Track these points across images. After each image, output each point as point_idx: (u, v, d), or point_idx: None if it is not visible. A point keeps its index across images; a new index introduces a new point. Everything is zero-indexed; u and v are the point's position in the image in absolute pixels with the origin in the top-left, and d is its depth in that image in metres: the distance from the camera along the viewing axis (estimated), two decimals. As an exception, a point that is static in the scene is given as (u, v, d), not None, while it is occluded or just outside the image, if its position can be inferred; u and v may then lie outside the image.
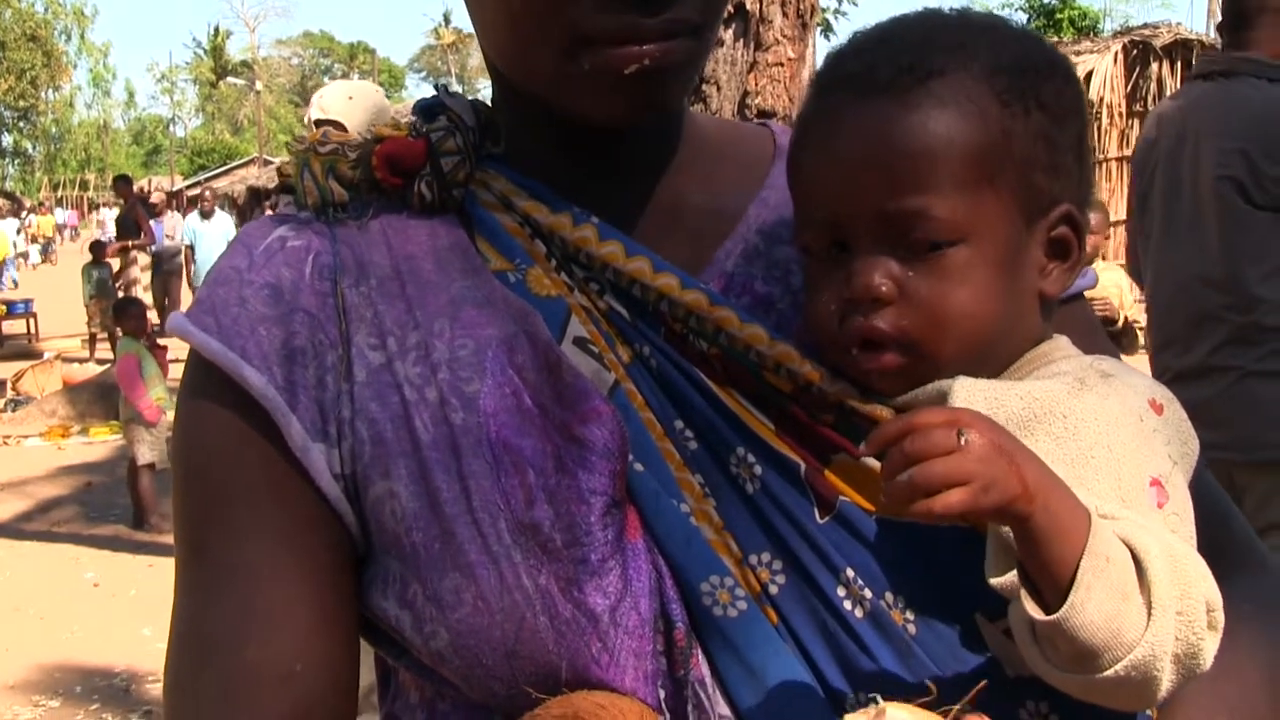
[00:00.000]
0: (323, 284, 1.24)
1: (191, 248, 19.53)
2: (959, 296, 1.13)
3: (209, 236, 19.22)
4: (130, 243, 19.78)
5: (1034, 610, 1.02)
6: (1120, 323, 13.62)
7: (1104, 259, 14.04)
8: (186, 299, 18.53)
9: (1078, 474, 1.07)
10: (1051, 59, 1.21)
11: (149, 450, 9.82)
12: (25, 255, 46.65)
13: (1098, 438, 1.09)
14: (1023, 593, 1.02)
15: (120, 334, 10.81)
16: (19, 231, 45.84)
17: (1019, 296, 1.17)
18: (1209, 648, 1.05)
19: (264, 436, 1.19)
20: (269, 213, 1.52)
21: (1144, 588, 1.02)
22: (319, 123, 5.01)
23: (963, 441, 0.98)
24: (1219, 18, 4.49)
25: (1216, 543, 1.13)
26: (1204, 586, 1.05)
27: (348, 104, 5.08)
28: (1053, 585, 1.01)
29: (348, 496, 1.20)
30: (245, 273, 1.24)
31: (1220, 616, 1.05)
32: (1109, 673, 1.01)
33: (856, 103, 1.16)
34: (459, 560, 1.14)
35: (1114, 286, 13.40)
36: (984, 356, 1.16)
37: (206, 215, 20.11)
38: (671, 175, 1.32)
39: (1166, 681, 1.03)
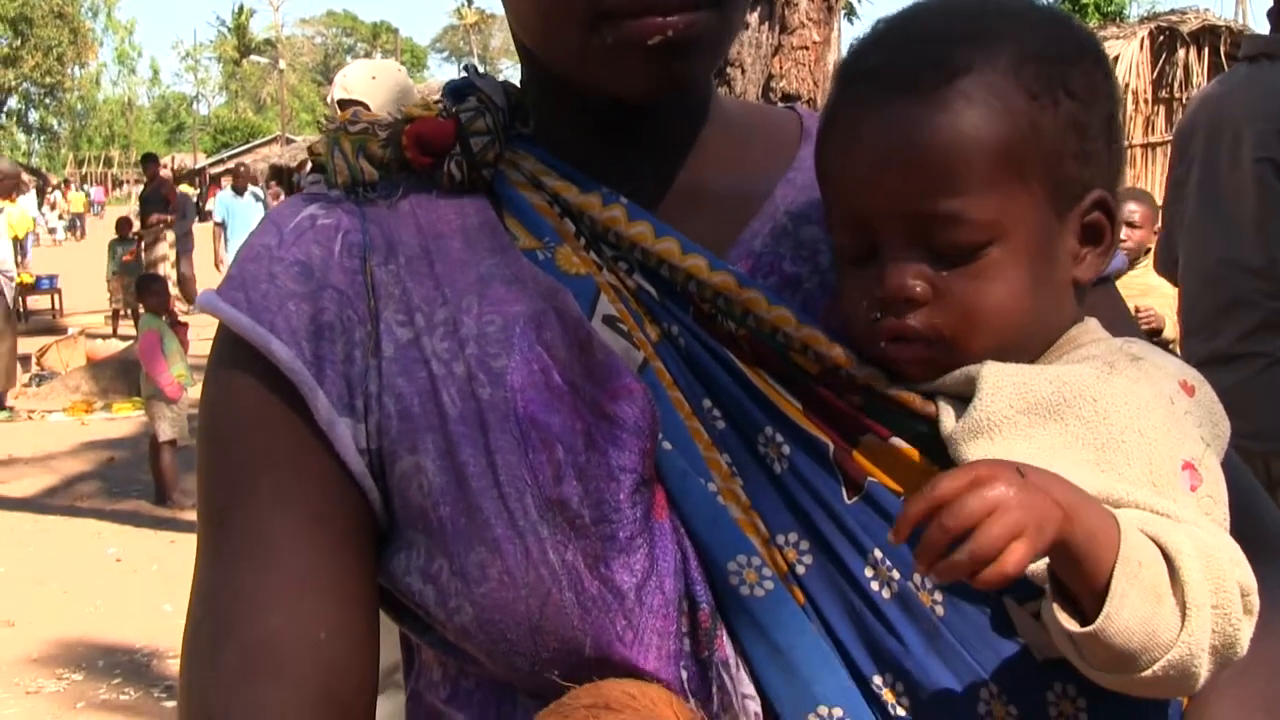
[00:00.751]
0: (352, 261, 1.24)
1: (223, 224, 18.87)
2: (994, 295, 1.13)
3: (241, 212, 18.61)
4: (160, 218, 19.75)
5: (1069, 622, 1.02)
6: (1168, 332, 13.33)
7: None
8: (209, 276, 18.51)
9: (1108, 459, 1.07)
10: (1080, 42, 1.19)
11: (170, 427, 9.85)
12: (53, 231, 46.87)
13: (1129, 421, 1.08)
14: (1056, 606, 1.02)
15: (142, 310, 10.82)
16: (50, 207, 46.02)
17: (1053, 287, 1.17)
18: (1245, 633, 1.05)
19: (290, 410, 1.20)
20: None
21: (1177, 587, 1.02)
22: (342, 102, 5.01)
23: (991, 492, 0.97)
24: (1247, 4, 4.45)
25: (1246, 528, 1.13)
26: (1238, 573, 1.05)
27: (371, 83, 5.07)
28: (1088, 595, 1.01)
29: (372, 472, 1.21)
30: (275, 250, 1.25)
31: (1255, 600, 1.05)
32: (1147, 673, 1.02)
33: (882, 101, 1.14)
34: (484, 535, 1.15)
35: (1159, 295, 13.08)
36: (1017, 348, 1.15)
37: (240, 191, 19.33)
38: (698, 155, 1.32)
39: (1205, 672, 1.04)
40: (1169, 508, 1.06)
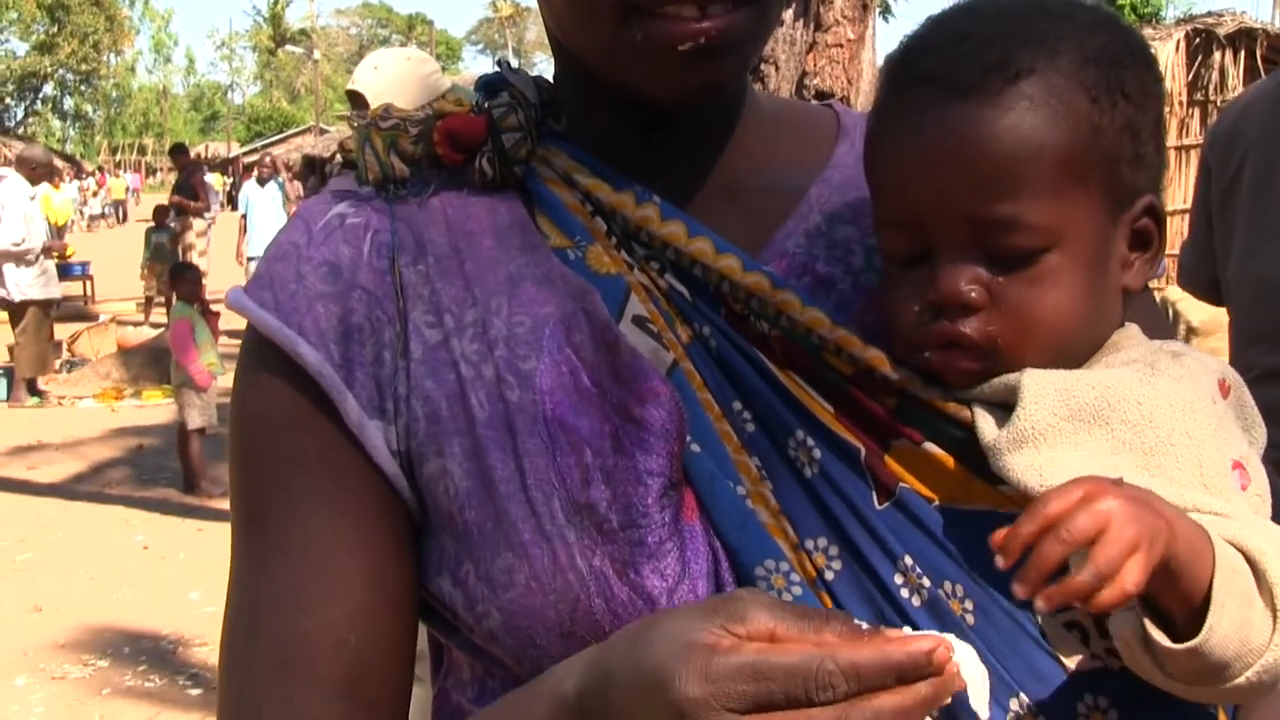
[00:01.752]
0: (380, 262, 1.24)
1: (244, 216, 18.48)
2: (1050, 302, 1.11)
3: (260, 203, 18.25)
4: (187, 204, 19.72)
5: (1165, 640, 1.00)
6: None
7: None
8: (227, 269, 18.50)
9: (1158, 463, 1.06)
10: (1131, 45, 1.18)
11: (199, 415, 9.91)
12: (103, 215, 47.27)
13: (1176, 424, 1.07)
14: (1148, 625, 1.00)
15: (175, 298, 10.87)
16: (93, 194, 46.31)
17: (1105, 294, 1.15)
18: None
19: (320, 412, 1.20)
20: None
21: (1264, 590, 1.01)
22: (350, 94, 5.06)
23: (1103, 506, 0.95)
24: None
25: None
26: None
27: (374, 74, 5.04)
28: (1186, 610, 1.00)
29: (404, 473, 1.20)
30: (304, 249, 1.24)
31: None
32: (1238, 680, 1.01)
33: (943, 103, 1.12)
34: (512, 540, 1.14)
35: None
36: (1065, 356, 1.14)
37: (263, 181, 18.75)
38: (732, 153, 1.30)
39: None
40: (1224, 509, 1.05)
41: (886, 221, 1.17)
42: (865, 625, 0.96)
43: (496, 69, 1.33)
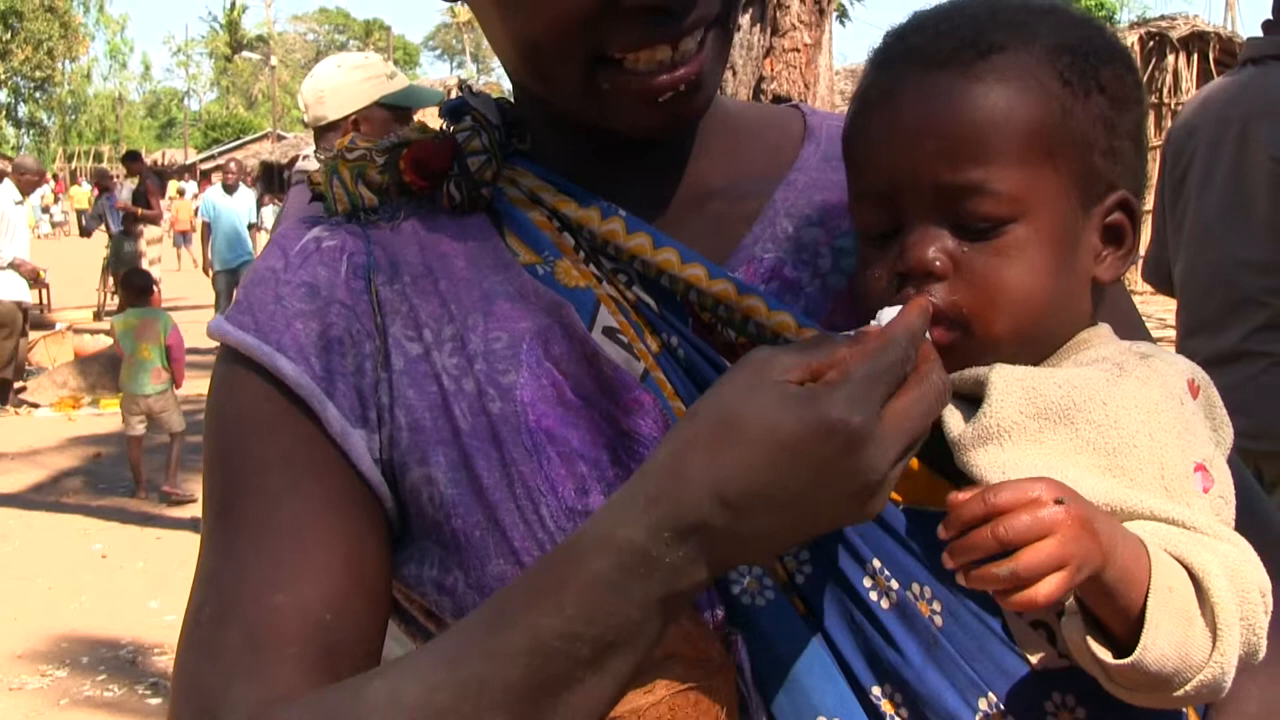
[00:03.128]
0: (357, 281, 1.25)
1: (208, 225, 16.84)
2: (1014, 274, 1.12)
3: (229, 213, 16.45)
4: (135, 210, 19.52)
5: (1104, 654, 1.02)
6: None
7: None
8: (195, 282, 18.27)
9: (1120, 463, 1.07)
10: (1112, 45, 1.20)
11: (139, 423, 9.91)
12: (63, 224, 46.97)
13: (1140, 425, 1.08)
14: (1089, 640, 1.02)
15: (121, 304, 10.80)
16: (52, 202, 46.04)
17: (1073, 280, 1.16)
18: (1264, 636, 1.06)
19: (302, 420, 1.20)
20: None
21: (1206, 608, 1.03)
22: (316, 130, 5.15)
23: (1048, 514, 0.97)
24: (1237, 11, 4.44)
25: (1249, 529, 1.12)
26: (1257, 576, 1.06)
27: (310, 86, 5.15)
28: (1122, 625, 1.02)
29: (387, 481, 1.21)
30: (281, 273, 1.25)
31: (1270, 600, 1.06)
32: (1179, 693, 1.03)
33: (918, 75, 1.15)
34: (503, 546, 1.15)
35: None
36: (1033, 338, 1.15)
37: (230, 189, 17.05)
38: (696, 162, 1.32)
39: (1230, 681, 1.04)
40: (1183, 514, 1.06)
41: (860, 194, 1.19)
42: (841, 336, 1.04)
43: (459, 94, 1.33)
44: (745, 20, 5.18)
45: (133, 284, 10.68)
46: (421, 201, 1.30)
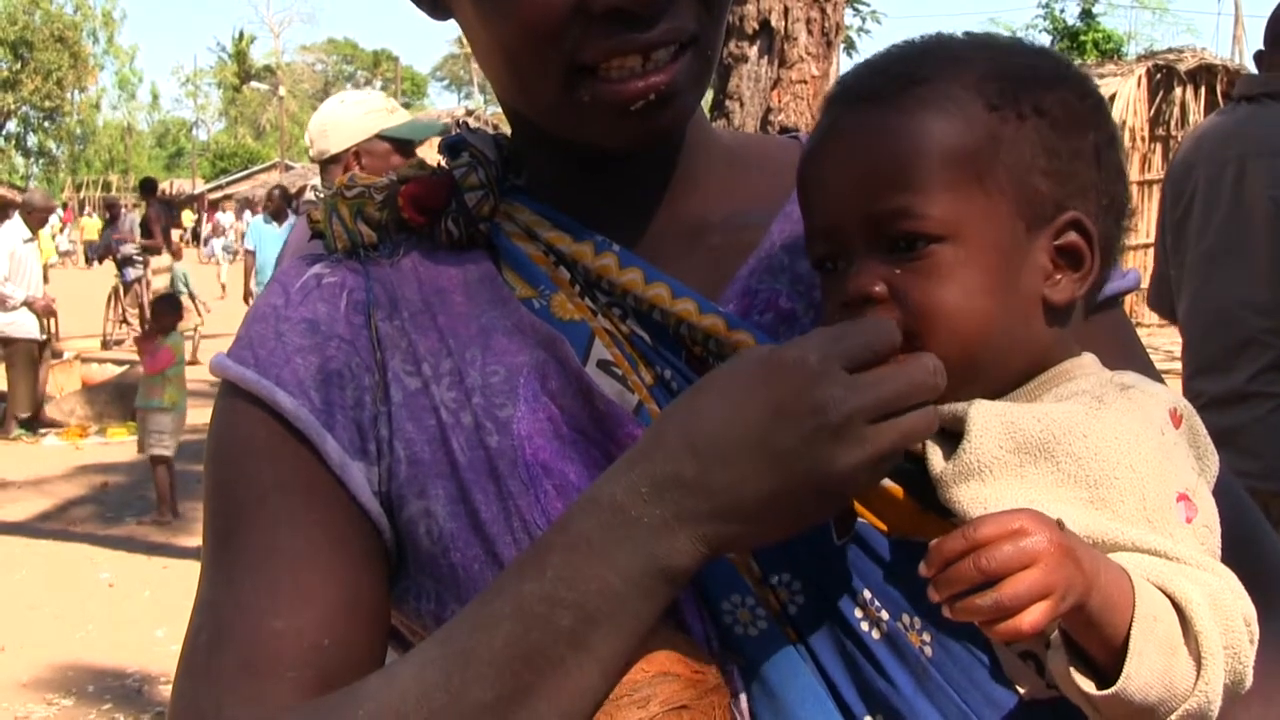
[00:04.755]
0: (357, 317, 1.27)
1: (252, 253, 15.33)
2: (947, 294, 1.13)
3: (274, 240, 13.64)
4: (122, 237, 19.54)
5: (1087, 685, 1.02)
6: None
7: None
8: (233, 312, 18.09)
9: (1102, 495, 1.08)
10: (1060, 72, 1.21)
11: (167, 441, 9.97)
12: (69, 253, 46.94)
13: (1120, 457, 1.09)
14: (1073, 671, 1.03)
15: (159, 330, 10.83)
16: (59, 231, 46.03)
17: (1018, 300, 1.16)
18: (1251, 665, 1.06)
19: (301, 450, 1.21)
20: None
21: (1190, 637, 1.03)
22: (321, 163, 5.38)
23: (1030, 544, 0.98)
24: (1244, 44, 4.44)
25: (1245, 565, 1.12)
26: (1241, 605, 1.06)
27: (316, 126, 5.40)
28: (1104, 654, 1.02)
29: (386, 513, 1.23)
30: (282, 309, 1.27)
31: (1256, 629, 1.06)
32: None
33: (847, 113, 1.19)
34: None
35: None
36: (986, 362, 1.15)
37: (278, 216, 15.08)
38: (692, 194, 1.33)
39: (1217, 710, 1.05)
40: (1165, 545, 1.07)
41: (809, 232, 1.21)
42: None
43: (461, 105, 1.35)
44: (753, 52, 5.21)
45: (165, 308, 10.82)
46: (420, 237, 1.32)
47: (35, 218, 14.61)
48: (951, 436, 1.13)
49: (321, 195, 1.34)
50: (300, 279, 1.30)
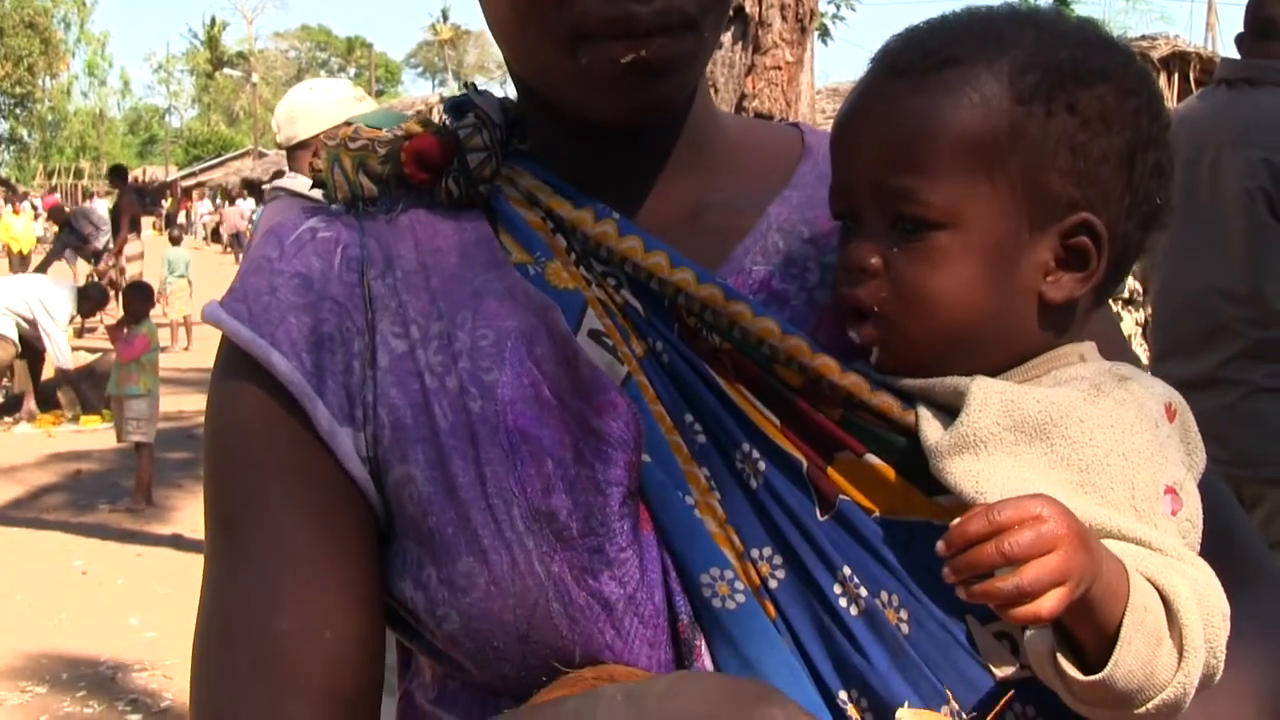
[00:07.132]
0: (350, 275, 1.27)
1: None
2: (935, 280, 1.14)
3: None
4: (115, 246, 19.46)
5: (1075, 671, 1.04)
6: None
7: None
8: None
9: (1092, 480, 1.09)
10: (1106, 67, 1.18)
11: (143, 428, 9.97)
12: (43, 239, 46.76)
13: (1114, 444, 1.09)
14: (1059, 657, 1.04)
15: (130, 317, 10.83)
16: (33, 218, 45.89)
17: (1011, 294, 1.16)
18: (1223, 658, 1.08)
19: (293, 419, 1.22)
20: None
21: (1174, 629, 1.05)
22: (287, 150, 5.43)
23: (1050, 530, 0.99)
24: (1218, 31, 4.44)
25: (1221, 555, 1.14)
26: (1218, 601, 1.08)
27: (282, 114, 5.45)
28: (1097, 641, 1.04)
29: (372, 479, 1.23)
30: (276, 262, 1.27)
31: (1228, 624, 1.08)
32: (1140, 710, 1.05)
33: (880, 83, 1.19)
34: (472, 545, 1.16)
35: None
36: (970, 348, 1.16)
37: None
38: (694, 172, 1.33)
39: (1189, 701, 1.06)
40: (1150, 535, 1.08)
41: (832, 186, 1.22)
42: None
43: (436, 93, 1.35)
44: (727, 38, 5.20)
45: (138, 296, 10.85)
46: (419, 195, 1.32)
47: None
48: (946, 410, 1.14)
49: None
50: (295, 231, 1.30)
